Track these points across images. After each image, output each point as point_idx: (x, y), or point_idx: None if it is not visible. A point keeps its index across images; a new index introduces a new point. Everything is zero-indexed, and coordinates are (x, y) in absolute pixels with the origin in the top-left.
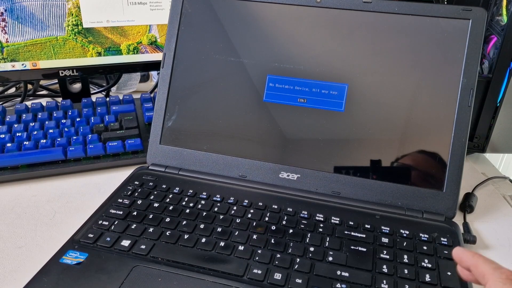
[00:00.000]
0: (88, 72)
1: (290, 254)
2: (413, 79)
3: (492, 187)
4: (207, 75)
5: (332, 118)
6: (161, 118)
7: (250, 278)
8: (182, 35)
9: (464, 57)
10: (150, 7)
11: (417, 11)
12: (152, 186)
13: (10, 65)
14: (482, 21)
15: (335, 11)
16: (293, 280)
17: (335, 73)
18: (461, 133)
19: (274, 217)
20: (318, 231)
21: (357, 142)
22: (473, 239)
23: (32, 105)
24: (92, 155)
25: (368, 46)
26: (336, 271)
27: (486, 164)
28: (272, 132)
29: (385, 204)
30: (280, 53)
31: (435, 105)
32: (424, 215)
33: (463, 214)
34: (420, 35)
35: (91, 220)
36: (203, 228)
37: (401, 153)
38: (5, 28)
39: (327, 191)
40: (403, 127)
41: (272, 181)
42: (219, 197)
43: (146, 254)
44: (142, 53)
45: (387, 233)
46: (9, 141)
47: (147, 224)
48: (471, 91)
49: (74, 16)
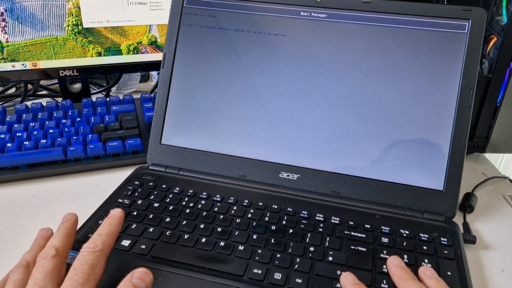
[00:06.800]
0: (88, 72)
1: (290, 254)
2: (413, 79)
3: (492, 187)
4: (207, 75)
5: (332, 117)
6: (161, 118)
7: (250, 277)
8: (182, 35)
9: (464, 57)
10: (150, 7)
11: (417, 11)
12: (152, 186)
13: (10, 65)
14: (482, 21)
15: (335, 11)
16: (293, 280)
17: (335, 71)
18: (461, 133)
19: (274, 217)
20: (318, 231)
21: (357, 142)
22: (473, 239)
23: (32, 105)
24: (92, 155)
25: (367, 45)
26: (336, 271)
27: (486, 164)
28: (272, 131)
29: (385, 204)
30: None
31: (435, 105)
32: (424, 215)
33: (463, 214)
34: (420, 35)
35: (91, 220)
36: (203, 228)
37: (401, 152)
38: (5, 28)
39: (327, 191)
40: (403, 126)
41: (272, 181)
42: (219, 197)
43: (146, 254)
44: (142, 53)
45: (387, 233)
46: (10, 141)
47: (147, 224)
48: (471, 91)
49: (74, 16)
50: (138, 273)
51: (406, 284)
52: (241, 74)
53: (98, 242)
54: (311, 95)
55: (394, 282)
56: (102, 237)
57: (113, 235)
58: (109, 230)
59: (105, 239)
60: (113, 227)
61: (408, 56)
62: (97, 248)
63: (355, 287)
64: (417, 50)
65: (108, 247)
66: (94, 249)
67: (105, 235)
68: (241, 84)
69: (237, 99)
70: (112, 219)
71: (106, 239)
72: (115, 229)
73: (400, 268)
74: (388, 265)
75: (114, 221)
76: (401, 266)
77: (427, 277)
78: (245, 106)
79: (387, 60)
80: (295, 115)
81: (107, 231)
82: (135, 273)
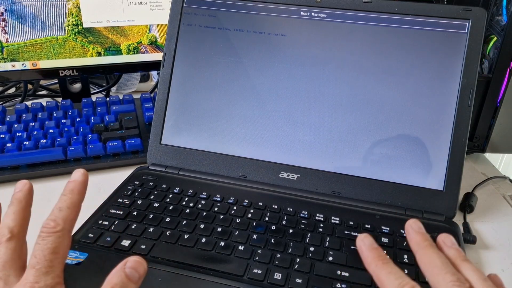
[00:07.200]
0: (88, 72)
1: (290, 254)
2: (413, 79)
3: (492, 187)
4: (207, 75)
5: (332, 117)
6: (161, 118)
7: (250, 278)
8: (182, 35)
9: (464, 57)
10: (150, 7)
11: (417, 11)
12: (152, 186)
13: (10, 65)
14: (482, 21)
15: (335, 10)
16: (293, 280)
17: (334, 72)
18: (461, 133)
19: (274, 217)
20: (318, 231)
21: (357, 142)
22: (473, 239)
23: (32, 105)
24: (92, 155)
25: (368, 45)
26: (336, 271)
27: (486, 164)
28: (272, 131)
29: (385, 204)
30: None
31: (435, 104)
32: (424, 215)
33: (463, 214)
34: (420, 35)
35: (91, 220)
36: (203, 228)
37: (401, 152)
38: (5, 28)
39: (327, 191)
40: (403, 126)
41: (272, 181)
42: (219, 197)
43: (146, 254)
44: (142, 53)
45: (387, 233)
46: (9, 141)
47: (147, 224)
48: (471, 91)
49: (74, 16)
50: (131, 262)
51: (425, 253)
52: (241, 74)
53: (59, 219)
54: (311, 95)
55: (412, 249)
56: (63, 212)
57: (75, 206)
58: (71, 201)
59: (66, 214)
60: (76, 196)
61: (409, 56)
62: (58, 227)
63: (372, 252)
64: (417, 50)
65: (70, 222)
66: (55, 229)
67: (66, 209)
68: (241, 84)
69: (237, 99)
70: (74, 184)
71: (68, 213)
72: (78, 198)
73: (420, 234)
74: (406, 229)
75: (77, 188)
76: (421, 231)
77: (446, 246)
78: (245, 106)
79: (388, 60)
80: (295, 115)
81: (68, 204)
82: (128, 261)
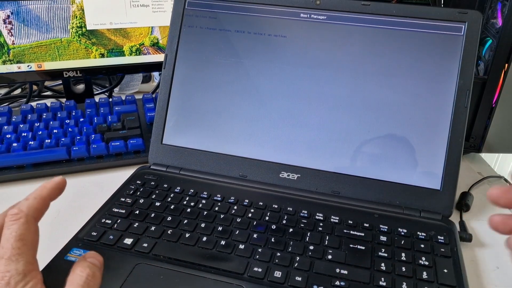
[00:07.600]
0: (91, 73)
1: (290, 253)
2: (411, 80)
3: (488, 186)
4: (208, 76)
5: (331, 118)
6: (162, 118)
7: (250, 276)
8: (184, 36)
9: (460, 59)
10: (153, 9)
11: (415, 13)
12: (154, 186)
13: (16, 66)
14: (477, 23)
15: (334, 13)
16: (293, 278)
17: (334, 74)
18: (457, 133)
19: (274, 216)
20: (317, 230)
21: (356, 142)
22: (469, 237)
23: (37, 105)
24: (95, 154)
25: (366, 47)
26: (335, 269)
27: (482, 164)
28: (272, 132)
29: (384, 203)
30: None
31: (432, 105)
32: (422, 213)
33: (459, 212)
34: (417, 37)
35: (94, 218)
36: (204, 227)
37: (399, 153)
38: (11, 31)
39: (326, 191)
40: (401, 127)
41: (273, 180)
42: (220, 197)
43: (148, 252)
44: (144, 55)
45: (385, 231)
46: (15, 141)
47: (149, 223)
48: (467, 92)
49: (78, 19)
50: (90, 254)
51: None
52: (241, 75)
53: (23, 206)
54: (311, 96)
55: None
56: (29, 201)
57: (42, 198)
58: (39, 193)
59: (31, 202)
60: (45, 190)
61: (406, 57)
62: (21, 213)
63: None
64: (414, 51)
65: (35, 210)
66: (18, 216)
67: (32, 199)
68: (242, 84)
69: (238, 99)
70: (47, 183)
71: (33, 202)
72: (48, 193)
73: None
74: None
75: (49, 185)
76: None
77: None
78: (245, 107)
79: (386, 61)
80: (295, 115)
81: (35, 195)
82: (87, 255)
